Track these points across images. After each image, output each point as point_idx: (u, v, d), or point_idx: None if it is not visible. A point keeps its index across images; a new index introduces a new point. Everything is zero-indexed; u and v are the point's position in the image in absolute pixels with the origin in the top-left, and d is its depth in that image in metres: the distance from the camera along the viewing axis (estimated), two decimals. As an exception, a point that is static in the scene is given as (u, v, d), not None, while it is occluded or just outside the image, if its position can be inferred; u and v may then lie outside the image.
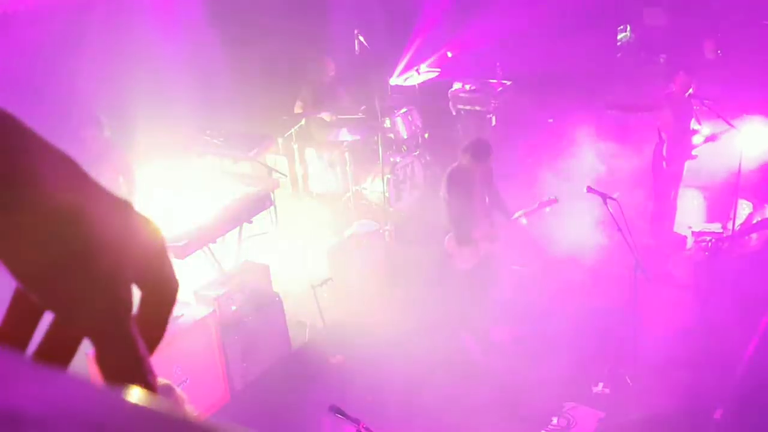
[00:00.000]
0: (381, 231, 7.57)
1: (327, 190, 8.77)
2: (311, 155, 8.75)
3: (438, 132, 9.62)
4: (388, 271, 7.28)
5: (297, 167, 8.86)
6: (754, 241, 7.38)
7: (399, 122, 8.71)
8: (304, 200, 8.83)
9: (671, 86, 7.14)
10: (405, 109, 8.84)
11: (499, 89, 9.68)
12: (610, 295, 6.43)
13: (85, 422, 0.35)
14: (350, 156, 8.35)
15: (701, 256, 7.35)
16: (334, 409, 3.91)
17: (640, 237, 6.00)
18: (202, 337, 5.45)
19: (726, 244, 7.39)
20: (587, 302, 6.55)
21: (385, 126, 8.52)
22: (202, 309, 5.55)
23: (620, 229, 5.38)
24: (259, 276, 6.09)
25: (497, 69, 9.73)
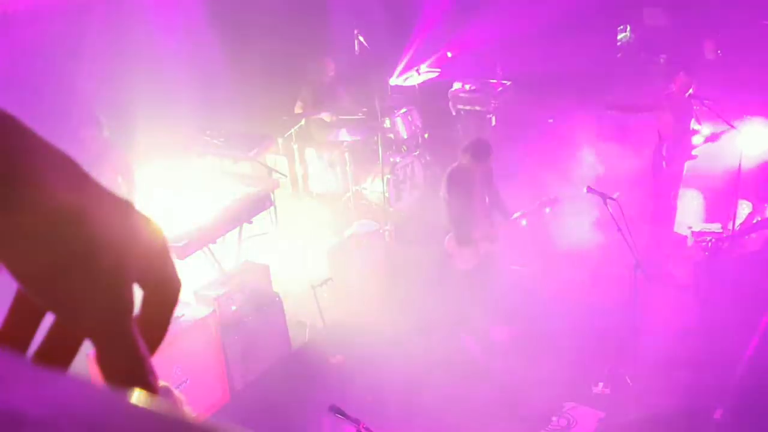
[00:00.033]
0: (381, 231, 7.57)
1: (327, 190, 8.77)
2: (311, 155, 8.75)
3: (438, 132, 9.62)
4: (388, 271, 7.28)
5: (297, 167, 8.86)
6: (754, 241, 7.38)
7: (399, 122, 8.71)
8: (304, 200, 8.83)
9: (671, 86, 7.14)
10: (405, 109, 8.85)
11: (499, 89, 9.69)
12: (610, 295, 6.43)
13: (86, 423, 0.35)
14: (350, 156, 8.35)
15: (701, 256, 7.35)
16: (334, 409, 3.91)
17: (640, 237, 6.00)
18: (202, 337, 5.45)
19: (726, 244, 7.39)
20: (587, 302, 6.55)
21: (385, 126, 8.52)
22: (202, 309, 5.56)
23: (620, 229, 5.38)
24: (259, 276, 6.09)
25: (497, 69, 9.73)
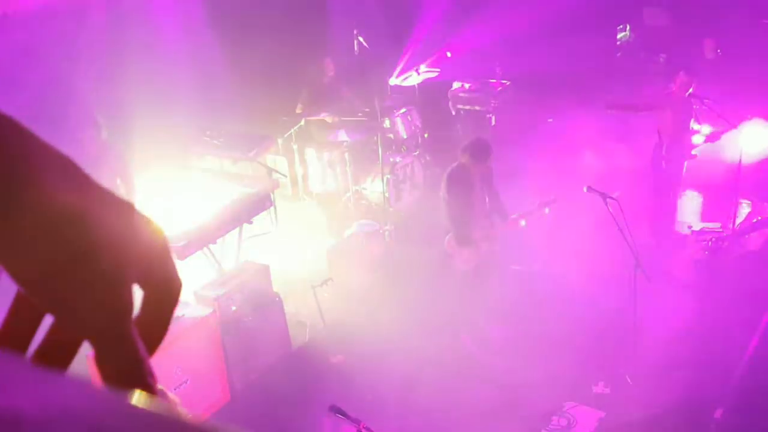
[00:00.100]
0: (381, 231, 7.57)
1: (327, 191, 8.77)
2: (311, 155, 8.75)
3: (438, 132, 9.63)
4: (388, 271, 7.28)
5: (297, 167, 8.86)
6: (754, 241, 7.38)
7: (399, 122, 8.71)
8: (304, 200, 8.83)
9: (671, 86, 7.14)
10: (404, 109, 8.85)
11: (499, 89, 9.69)
12: (610, 295, 6.43)
13: (85, 424, 0.35)
14: (350, 156, 8.35)
15: (701, 256, 7.35)
16: (335, 409, 3.91)
17: (640, 236, 5.99)
18: (203, 337, 5.45)
19: (726, 244, 7.39)
20: (587, 302, 6.54)
21: (385, 126, 8.52)
22: (202, 309, 5.56)
23: (620, 229, 5.38)
24: (259, 276, 6.09)
25: (497, 69, 9.73)
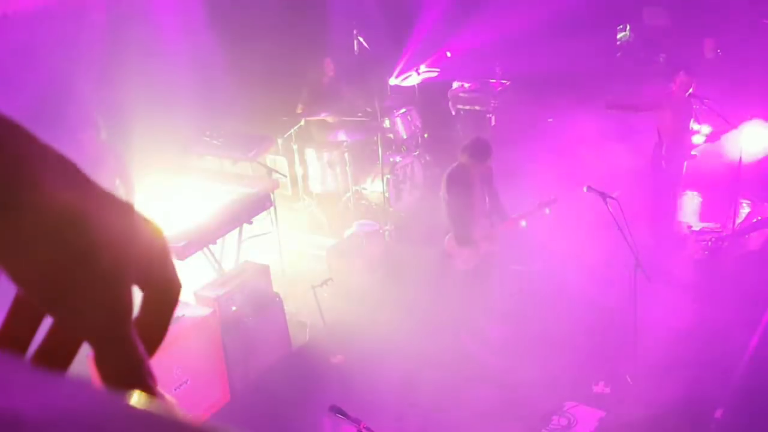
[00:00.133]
0: (381, 231, 7.57)
1: (327, 191, 8.77)
2: (311, 156, 8.75)
3: (437, 132, 9.63)
4: (388, 272, 7.28)
5: (297, 168, 8.86)
6: (754, 240, 7.38)
7: (398, 122, 8.71)
8: (304, 200, 8.83)
9: (671, 86, 7.14)
10: (404, 109, 8.85)
11: (499, 89, 9.69)
12: (610, 295, 6.43)
13: (85, 425, 0.35)
14: (350, 156, 8.35)
15: (701, 256, 7.36)
16: (335, 409, 3.91)
17: (640, 236, 5.99)
18: (203, 338, 5.45)
19: (726, 243, 7.40)
20: (587, 301, 6.54)
21: (385, 126, 8.52)
22: (202, 309, 5.56)
23: (620, 229, 5.38)
24: (259, 276, 6.09)
25: (496, 69, 9.73)
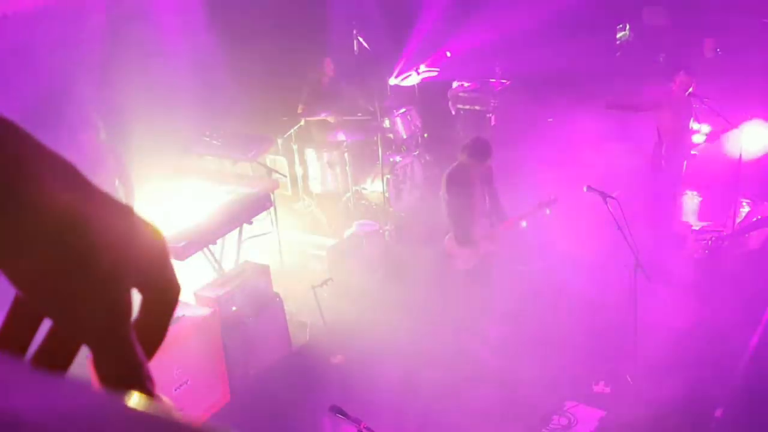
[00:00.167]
0: (381, 231, 7.57)
1: (327, 191, 8.77)
2: (311, 156, 8.75)
3: (437, 132, 9.63)
4: (388, 271, 7.28)
5: (297, 168, 8.86)
6: (754, 240, 7.38)
7: (398, 122, 8.71)
8: (304, 200, 8.83)
9: (671, 85, 7.13)
10: (404, 109, 8.84)
11: (499, 89, 9.69)
12: (610, 295, 6.43)
13: (84, 427, 0.35)
14: (350, 156, 8.35)
15: (701, 255, 7.35)
16: (335, 409, 3.91)
17: (640, 236, 5.99)
18: (203, 338, 5.44)
19: (726, 243, 7.39)
20: (587, 301, 6.54)
21: (385, 126, 8.52)
22: (202, 309, 5.56)
23: (620, 229, 5.38)
24: (259, 276, 6.09)
25: (496, 68, 9.73)
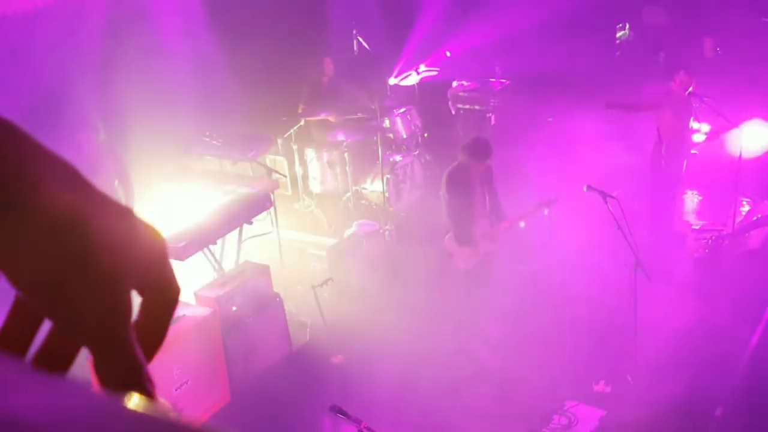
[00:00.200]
0: (381, 231, 7.57)
1: (327, 191, 8.77)
2: (311, 156, 8.75)
3: (437, 131, 9.63)
4: (388, 271, 7.28)
5: (297, 168, 8.86)
6: (755, 239, 7.37)
7: (398, 122, 8.71)
8: (304, 200, 8.83)
9: (671, 85, 7.13)
10: (404, 109, 8.84)
11: (499, 88, 9.69)
12: (610, 294, 6.43)
13: (84, 428, 0.35)
14: (350, 156, 8.35)
15: (701, 254, 7.35)
16: (335, 409, 3.91)
17: (640, 235, 5.99)
18: (203, 338, 5.45)
19: (726, 242, 7.39)
20: (587, 300, 6.55)
21: (385, 126, 8.52)
22: (203, 309, 5.56)
23: (620, 228, 5.38)
24: (259, 276, 6.09)
25: (496, 68, 9.73)
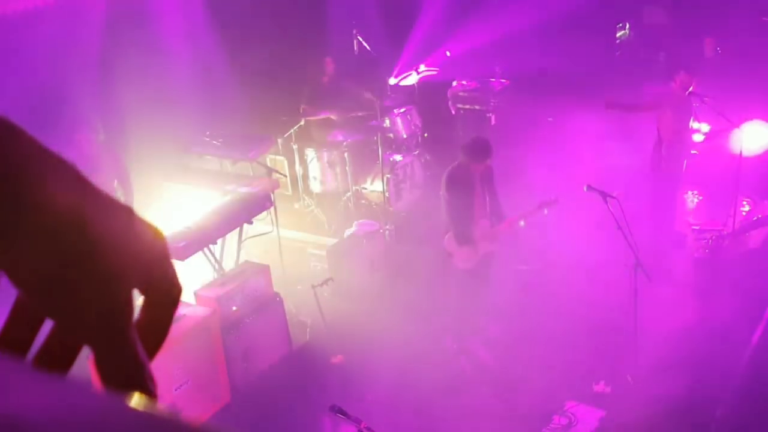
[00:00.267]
0: (381, 231, 7.57)
1: (327, 190, 8.77)
2: (311, 156, 8.75)
3: (437, 131, 9.62)
4: (388, 271, 7.28)
5: (297, 168, 8.86)
6: (755, 239, 7.38)
7: (398, 122, 8.71)
8: (304, 200, 8.83)
9: (671, 84, 7.13)
10: (404, 109, 8.84)
11: (499, 88, 9.69)
12: (610, 294, 6.43)
13: (85, 428, 0.35)
14: (350, 156, 8.34)
15: (701, 254, 7.35)
16: (335, 409, 3.91)
17: (640, 235, 5.99)
18: (203, 338, 5.45)
19: (726, 242, 7.39)
20: (587, 300, 6.55)
21: (385, 126, 8.52)
22: (203, 309, 5.56)
23: (620, 228, 5.38)
24: (259, 276, 6.10)
25: (496, 68, 9.73)
